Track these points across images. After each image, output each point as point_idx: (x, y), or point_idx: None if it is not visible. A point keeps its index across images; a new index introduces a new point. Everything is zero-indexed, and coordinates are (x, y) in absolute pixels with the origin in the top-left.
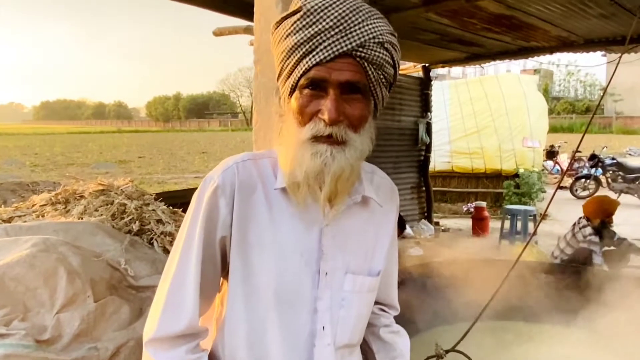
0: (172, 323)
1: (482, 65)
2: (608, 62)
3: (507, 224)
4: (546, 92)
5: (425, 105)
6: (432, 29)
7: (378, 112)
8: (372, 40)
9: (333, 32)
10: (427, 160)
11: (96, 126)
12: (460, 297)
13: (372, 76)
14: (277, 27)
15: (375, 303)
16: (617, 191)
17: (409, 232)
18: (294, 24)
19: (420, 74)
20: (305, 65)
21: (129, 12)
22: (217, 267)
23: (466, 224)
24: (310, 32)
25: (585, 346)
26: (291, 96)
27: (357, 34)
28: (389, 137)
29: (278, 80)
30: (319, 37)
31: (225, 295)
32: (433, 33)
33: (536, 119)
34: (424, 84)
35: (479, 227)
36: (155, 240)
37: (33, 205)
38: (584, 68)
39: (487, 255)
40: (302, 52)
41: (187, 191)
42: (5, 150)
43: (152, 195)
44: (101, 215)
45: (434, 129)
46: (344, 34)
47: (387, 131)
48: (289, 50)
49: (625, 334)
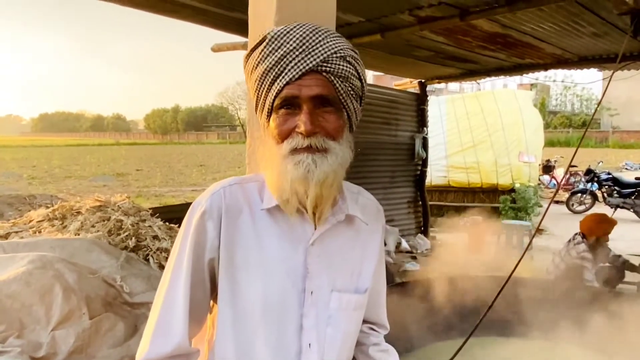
0: (162, 345)
1: (479, 81)
2: (603, 78)
3: (503, 239)
4: (543, 106)
5: (422, 120)
6: (427, 47)
7: (353, 125)
8: (334, 55)
9: (297, 53)
10: (423, 174)
11: (94, 138)
12: (455, 312)
13: (340, 88)
14: (247, 59)
15: (364, 322)
16: (613, 206)
17: (405, 246)
18: (261, 53)
19: (417, 90)
20: (277, 87)
21: (128, 25)
22: (206, 289)
23: (463, 238)
24: (276, 55)
25: None
26: (269, 120)
27: (320, 51)
28: (386, 152)
29: (256, 111)
30: (285, 58)
31: (215, 316)
32: (428, 50)
33: (532, 133)
34: (420, 99)
35: (475, 242)
36: (151, 256)
37: (30, 221)
38: (581, 83)
39: (482, 271)
40: (272, 75)
41: (184, 205)
42: (2, 162)
43: (148, 211)
44: (98, 231)
45: (431, 143)
46: (307, 52)
47: (384, 146)
48: (261, 76)
49: (621, 350)
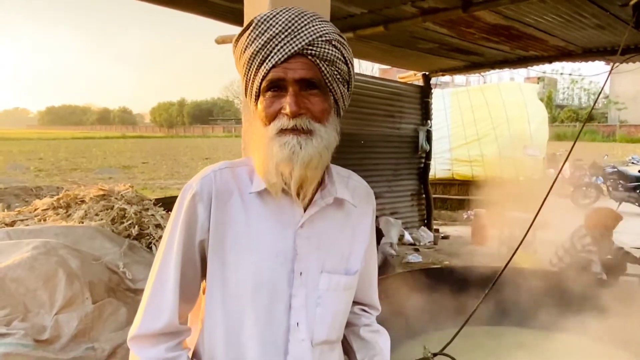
0: (153, 322)
1: (484, 73)
2: (609, 71)
3: (506, 232)
4: (550, 100)
5: (426, 113)
6: (430, 38)
7: (341, 109)
8: (320, 39)
9: (283, 36)
10: (427, 167)
11: (101, 131)
12: (455, 302)
13: (325, 72)
14: (236, 45)
15: (356, 303)
16: (618, 199)
17: (408, 239)
18: (248, 37)
19: (421, 82)
20: (263, 70)
21: (134, 19)
22: (197, 269)
23: (466, 231)
24: (263, 39)
25: (576, 353)
26: (257, 103)
27: (305, 35)
28: (389, 145)
29: (245, 95)
30: (272, 42)
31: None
32: (432, 42)
33: (536, 127)
34: (424, 92)
35: (478, 235)
36: (154, 244)
37: (35, 210)
38: (588, 76)
39: (485, 263)
40: (259, 59)
41: None
42: (9, 155)
43: (151, 200)
44: (101, 219)
45: (435, 136)
46: (293, 36)
47: (388, 139)
48: (248, 60)
49: (620, 341)
